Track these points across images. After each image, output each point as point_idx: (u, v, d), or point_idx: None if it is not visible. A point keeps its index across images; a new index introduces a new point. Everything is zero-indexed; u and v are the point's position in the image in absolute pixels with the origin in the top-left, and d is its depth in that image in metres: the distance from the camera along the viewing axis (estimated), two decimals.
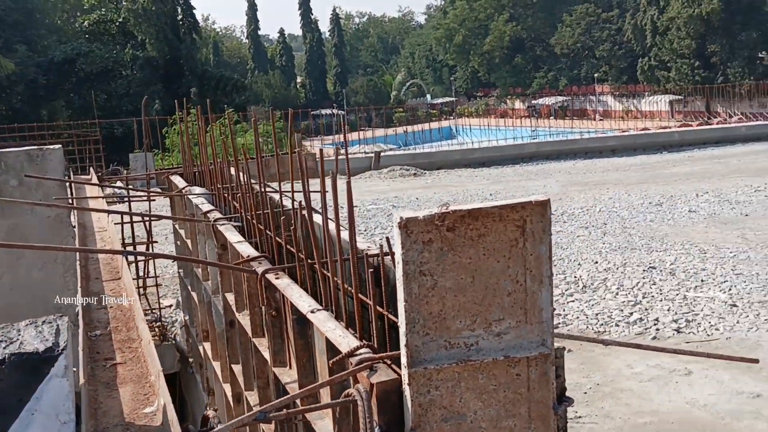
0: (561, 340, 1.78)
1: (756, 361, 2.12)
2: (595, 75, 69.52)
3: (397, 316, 1.59)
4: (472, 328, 1.59)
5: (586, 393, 4.32)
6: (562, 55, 71.09)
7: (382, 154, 16.87)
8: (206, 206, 3.61)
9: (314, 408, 1.86)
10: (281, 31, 74.55)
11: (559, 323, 5.44)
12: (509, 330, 1.62)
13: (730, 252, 7.04)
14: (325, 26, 79.85)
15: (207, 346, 4.36)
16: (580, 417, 4.06)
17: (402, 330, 1.54)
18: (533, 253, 1.63)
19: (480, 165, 15.85)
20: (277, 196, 2.93)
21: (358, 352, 1.70)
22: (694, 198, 9.95)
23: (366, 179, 14.69)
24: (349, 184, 1.94)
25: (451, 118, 56.57)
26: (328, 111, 50.31)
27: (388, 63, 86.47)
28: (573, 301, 5.92)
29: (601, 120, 59.36)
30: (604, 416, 4.05)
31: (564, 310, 5.70)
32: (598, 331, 5.28)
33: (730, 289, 5.93)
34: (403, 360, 1.53)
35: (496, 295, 1.61)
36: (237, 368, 3.42)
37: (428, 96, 74.71)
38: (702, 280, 6.20)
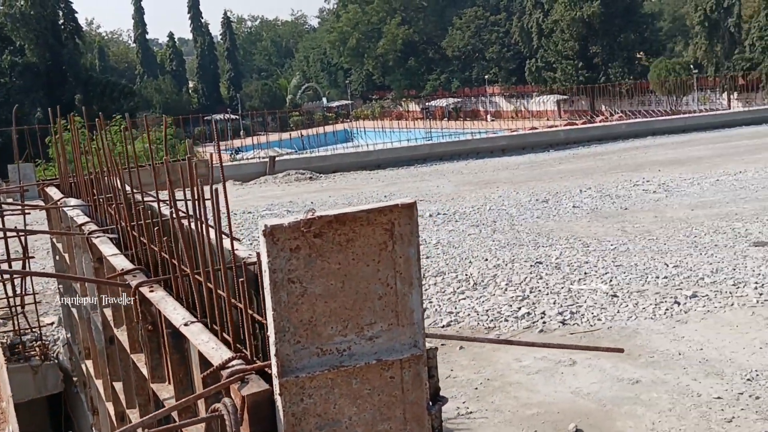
0: (432, 341, 1.80)
1: (621, 350, 2.22)
2: (486, 76, 71.30)
3: None
4: (344, 333, 1.58)
5: (476, 389, 4.41)
6: (454, 58, 72.56)
7: (277, 158, 16.71)
8: (81, 218, 3.47)
9: (186, 424, 1.81)
10: (171, 35, 72.56)
11: (451, 321, 5.53)
12: (381, 333, 1.62)
13: (611, 245, 7.37)
14: (216, 30, 78.25)
15: (89, 363, 4.18)
16: (471, 412, 4.14)
17: (272, 339, 1.52)
18: (402, 256, 1.63)
19: (376, 167, 15.95)
20: (160, 205, 2.85)
21: (230, 364, 1.67)
22: (578, 194, 10.36)
23: (261, 184, 14.52)
24: (225, 189, 1.89)
25: (348, 120, 56.70)
26: (222, 116, 49.42)
27: (282, 66, 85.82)
28: (464, 298, 6.03)
29: (492, 120, 60.95)
30: (494, 410, 4.15)
31: (456, 308, 5.81)
32: (489, 327, 5.41)
33: (611, 281, 6.20)
34: (274, 370, 1.51)
35: (367, 299, 1.60)
36: (118, 386, 3.30)
37: (324, 99, 74.62)
38: (585, 273, 6.45)
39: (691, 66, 58.27)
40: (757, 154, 13.57)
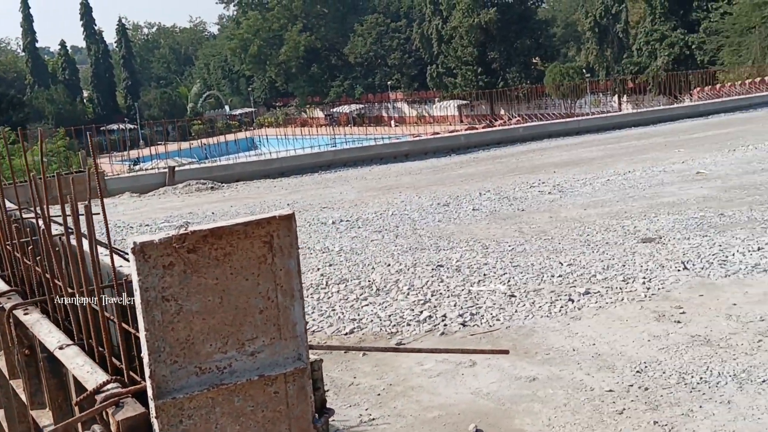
0: (316, 352, 1.78)
1: (506, 351, 2.28)
2: (389, 82, 71.93)
3: None
4: (224, 350, 1.54)
5: (379, 395, 4.42)
6: (357, 64, 72.86)
7: (177, 168, 16.31)
8: None
9: None
10: (62, 43, 69.78)
11: (354, 328, 5.53)
12: (263, 348, 1.59)
13: (509, 246, 7.56)
14: (111, 37, 75.86)
15: None
16: (374, 419, 4.14)
17: (146, 360, 1.47)
18: (283, 269, 1.61)
19: (279, 175, 15.81)
20: (38, 222, 2.72)
21: (104, 388, 1.60)
22: (478, 197, 10.58)
23: (160, 196, 14.14)
24: (102, 202, 1.82)
25: (251, 128, 55.99)
26: (120, 126, 47.93)
27: (182, 74, 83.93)
28: (367, 305, 6.04)
29: (396, 126, 61.54)
30: (396, 415, 4.16)
31: (359, 315, 5.81)
32: (392, 332, 5.43)
33: (509, 281, 6.35)
34: (150, 392, 1.45)
35: (248, 313, 1.57)
36: (0, 414, 3.12)
37: (227, 107, 73.52)
38: (484, 274, 6.59)
39: (584, 70, 60.68)
40: (644, 153, 14.22)
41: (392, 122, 66.79)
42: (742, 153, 12.97)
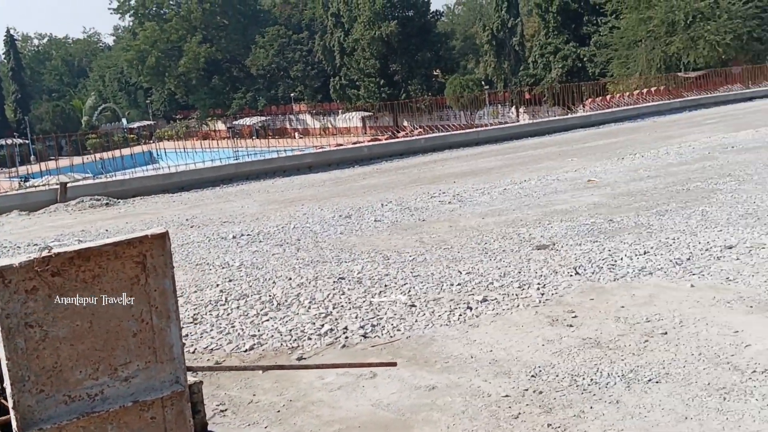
0: (198, 373, 1.74)
1: (394, 364, 2.29)
2: (292, 94, 71.63)
3: None
4: (95, 376, 1.48)
5: (279, 411, 4.36)
6: (259, 76, 72.23)
7: (69, 184, 15.67)
8: None
9: None
10: None
11: (254, 344, 5.45)
12: (138, 373, 1.54)
13: (410, 256, 7.64)
14: None
15: None
16: None
17: (9, 391, 1.39)
18: (157, 289, 1.56)
19: (179, 189, 15.44)
20: None
21: None
22: (380, 208, 10.65)
23: (51, 214, 13.55)
24: None
25: (151, 142, 54.51)
26: (8, 141, 45.72)
27: (76, 87, 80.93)
28: (268, 320, 5.97)
29: (301, 138, 61.33)
30: None
31: (259, 331, 5.73)
32: (293, 347, 5.38)
33: (409, 291, 6.41)
34: (15, 424, 1.38)
35: (120, 337, 1.51)
36: None
37: (124, 120, 71.40)
38: (386, 285, 6.63)
39: (483, 82, 62.31)
40: (540, 163, 14.70)
41: (296, 134, 66.54)
42: (630, 161, 13.60)
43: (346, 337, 5.48)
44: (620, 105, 29.79)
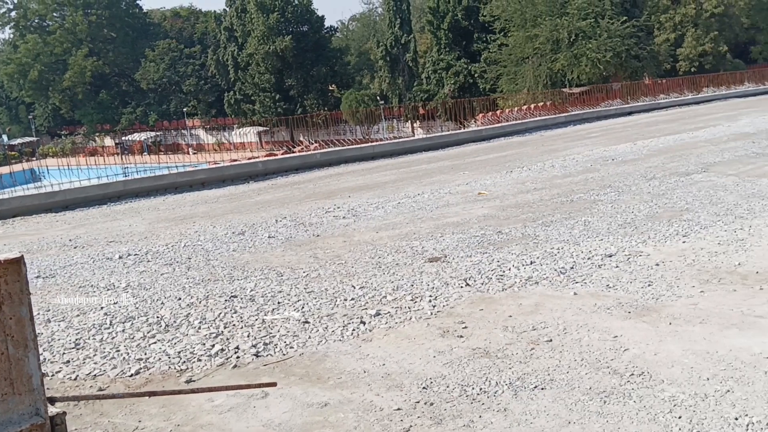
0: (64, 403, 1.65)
1: (273, 384, 2.26)
2: (185, 109, 70.10)
3: None
4: None
5: None
6: (150, 90, 70.33)
7: None
8: None
9: None
10: None
11: (140, 368, 5.25)
12: None
13: (304, 272, 7.59)
14: None
15: None
16: None
17: None
18: (13, 317, 1.48)
19: (63, 209, 14.76)
20: None
21: None
22: (274, 224, 10.54)
23: None
24: None
25: (33, 159, 52.03)
26: None
27: None
28: (155, 342, 5.77)
29: (195, 153, 60.09)
30: None
31: (146, 354, 5.53)
32: (181, 369, 5.22)
33: (303, 307, 6.36)
34: None
35: None
36: None
37: (4, 137, 67.92)
38: (279, 303, 6.55)
39: (378, 97, 62.97)
40: (433, 177, 14.97)
41: (190, 150, 65.12)
42: (518, 174, 14.04)
43: (238, 357, 5.38)
44: (510, 120, 30.76)
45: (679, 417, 3.99)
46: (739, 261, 6.84)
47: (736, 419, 3.92)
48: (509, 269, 7.12)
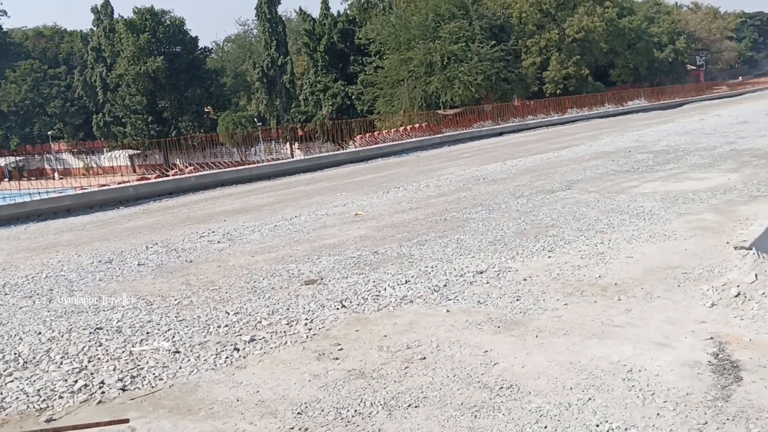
0: None
1: (126, 420, 2.16)
2: (50, 132, 66.72)
3: None
4: None
5: None
6: (11, 113, 66.60)
7: None
8: None
9: None
10: None
11: None
12: None
13: (175, 300, 7.35)
14: None
15: None
16: None
17: None
18: None
19: None
20: None
21: None
22: (144, 250, 10.17)
23: None
24: None
25: None
26: None
27: None
28: (12, 380, 5.41)
29: (61, 179, 57.22)
30: None
31: (1, 394, 5.16)
32: (41, 408, 4.91)
33: (173, 337, 6.15)
34: None
35: None
36: None
37: None
38: (148, 333, 6.30)
39: (256, 119, 62.36)
40: (311, 198, 14.93)
41: (56, 175, 61.97)
42: (394, 194, 14.25)
43: (103, 392, 5.12)
44: (387, 141, 31.23)
45: (545, 427, 4.14)
46: (599, 273, 7.21)
47: (597, 426, 4.11)
48: (385, 289, 7.18)
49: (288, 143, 61.08)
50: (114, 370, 5.50)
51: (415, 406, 4.51)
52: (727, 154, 16.76)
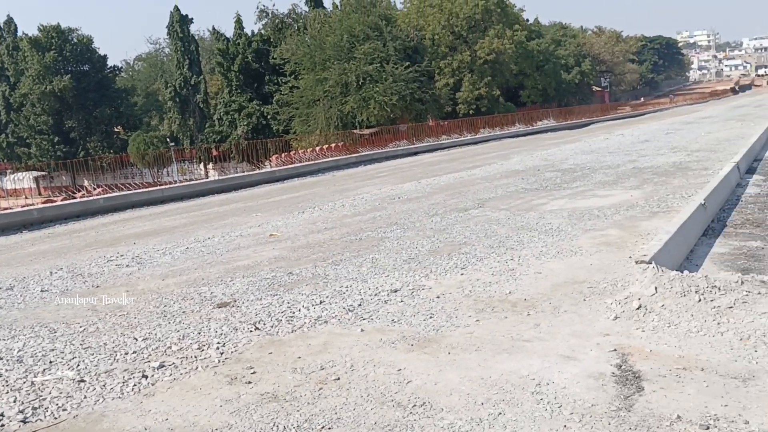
0: None
1: None
2: None
3: None
4: None
5: None
6: None
7: None
8: None
9: None
10: None
11: None
12: None
13: (80, 327, 7.09)
14: None
15: None
16: None
17: None
18: None
19: None
20: None
21: None
22: (48, 276, 9.78)
23: None
24: None
25: None
26: None
27: None
28: None
29: None
30: None
31: None
32: None
33: (78, 365, 5.92)
34: None
35: None
36: None
37: None
38: (50, 362, 6.06)
39: (168, 139, 61.12)
40: (224, 219, 14.71)
41: None
42: (310, 214, 14.21)
43: (2, 425, 4.87)
44: (303, 160, 31.13)
45: None
46: (509, 289, 7.38)
47: None
48: (299, 310, 7.13)
49: (202, 163, 60.09)
50: (14, 401, 5.25)
51: (329, 428, 4.49)
52: (630, 171, 17.50)
